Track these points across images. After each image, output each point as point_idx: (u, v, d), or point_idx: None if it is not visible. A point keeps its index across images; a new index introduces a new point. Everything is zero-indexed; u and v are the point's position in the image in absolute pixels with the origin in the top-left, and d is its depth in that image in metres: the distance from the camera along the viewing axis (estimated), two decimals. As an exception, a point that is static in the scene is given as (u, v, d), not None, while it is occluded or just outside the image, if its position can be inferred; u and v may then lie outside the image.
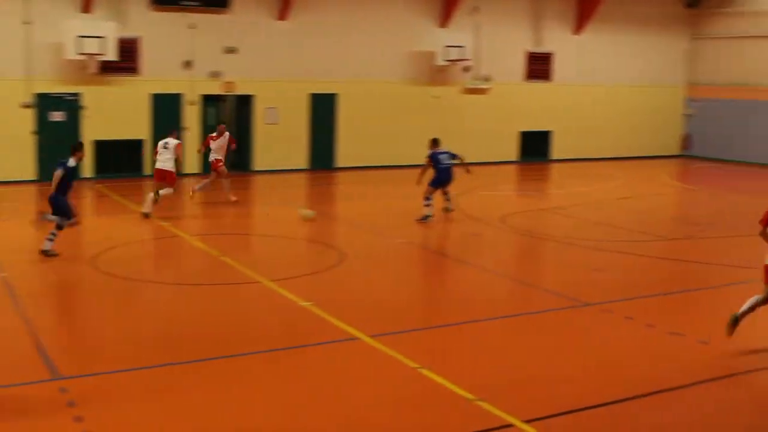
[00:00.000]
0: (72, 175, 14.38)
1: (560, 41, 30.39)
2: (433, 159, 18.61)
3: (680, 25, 33.21)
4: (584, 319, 11.76)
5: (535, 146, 30.65)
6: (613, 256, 15.83)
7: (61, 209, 14.28)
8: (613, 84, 31.83)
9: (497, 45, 28.97)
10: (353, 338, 10.39)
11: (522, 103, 29.91)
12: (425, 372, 9.26)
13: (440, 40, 27.37)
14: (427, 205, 18.26)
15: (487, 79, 28.95)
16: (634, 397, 8.79)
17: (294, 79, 25.90)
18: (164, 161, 18.57)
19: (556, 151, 30.93)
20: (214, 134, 20.29)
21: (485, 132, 29.04)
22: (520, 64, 29.84)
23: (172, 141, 18.80)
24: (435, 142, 18.85)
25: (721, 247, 17.04)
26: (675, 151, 33.58)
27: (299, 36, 25.85)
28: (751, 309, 10.68)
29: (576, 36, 30.67)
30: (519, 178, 27.79)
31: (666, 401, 8.79)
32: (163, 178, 18.47)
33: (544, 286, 13.53)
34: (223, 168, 20.14)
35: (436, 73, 28.02)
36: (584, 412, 8.41)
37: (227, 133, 20.31)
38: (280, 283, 12.89)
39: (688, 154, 33.50)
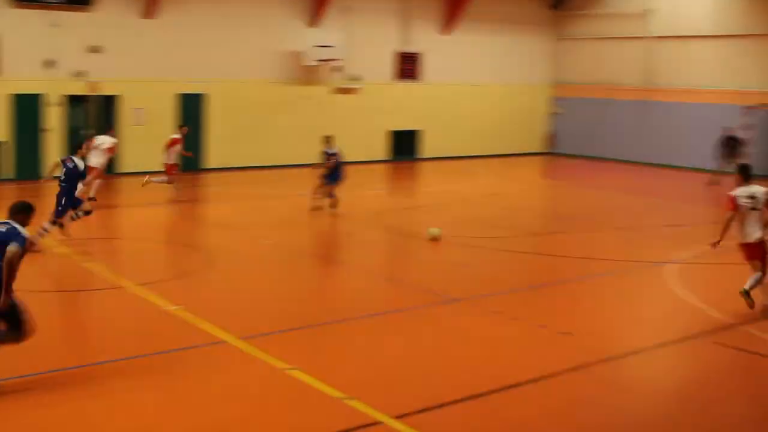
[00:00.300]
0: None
1: (428, 41, 30.80)
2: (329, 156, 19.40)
3: (545, 26, 34.21)
4: (453, 315, 11.95)
5: (404, 145, 30.98)
6: (482, 251, 16.15)
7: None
8: (482, 84, 32.50)
9: (367, 45, 29.12)
10: (221, 341, 10.25)
11: (391, 102, 30.18)
12: (295, 373, 9.22)
13: (310, 40, 27.33)
14: (317, 199, 19.17)
15: (356, 79, 29.08)
16: (502, 389, 9.00)
17: (161, 79, 25.38)
18: (95, 158, 19.21)
19: (426, 149, 31.35)
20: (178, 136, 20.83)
21: (355, 131, 29.14)
22: (389, 64, 30.09)
23: (107, 139, 19.58)
24: (328, 140, 19.57)
25: (584, 241, 17.62)
26: (541, 149, 34.55)
27: (167, 35, 25.35)
28: (758, 283, 11.82)
29: (444, 36, 31.15)
30: (389, 177, 28.02)
31: (532, 392, 9.03)
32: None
33: (414, 283, 13.68)
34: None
35: (306, 73, 27.96)
36: (455, 405, 8.54)
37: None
38: (146, 287, 12.60)
39: (554, 151, 34.54)
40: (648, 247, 17.17)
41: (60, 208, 15.18)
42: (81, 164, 15.53)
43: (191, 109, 26.11)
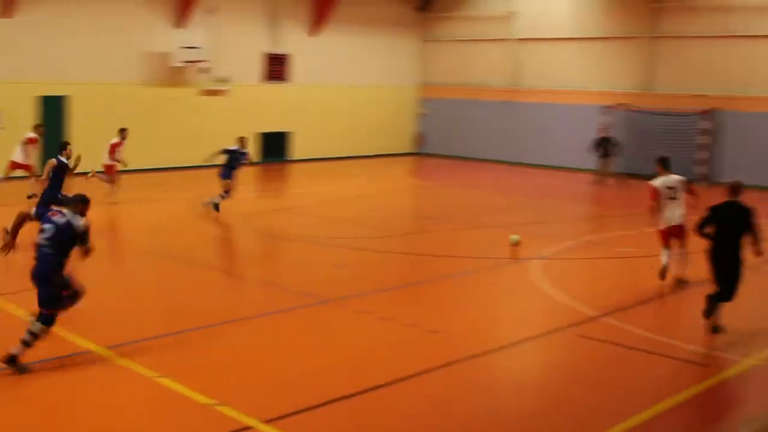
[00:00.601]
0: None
1: (297, 42, 30.73)
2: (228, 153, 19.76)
3: (413, 28, 34.66)
4: (325, 316, 11.96)
5: (274, 147, 30.83)
6: (352, 252, 16.22)
7: None
8: (350, 85, 32.66)
9: (234, 46, 28.82)
10: (86, 351, 9.94)
11: (260, 104, 29.98)
12: (163, 381, 9.03)
13: (176, 41, 26.85)
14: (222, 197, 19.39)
15: (224, 81, 28.74)
16: (372, 389, 9.04)
17: (20, 81, 24.43)
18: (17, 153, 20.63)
19: (297, 151, 31.29)
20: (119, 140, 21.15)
21: (224, 134, 28.65)
22: (257, 66, 29.87)
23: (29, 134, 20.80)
24: (241, 141, 20.08)
25: (451, 239, 17.94)
26: (410, 149, 34.97)
27: (26, 34, 24.41)
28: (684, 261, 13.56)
29: (312, 37, 31.14)
30: (259, 179, 27.79)
31: (400, 392, 9.10)
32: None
33: (285, 285, 13.61)
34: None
35: (172, 75, 27.46)
36: (324, 407, 8.53)
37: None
38: (3, 297, 12.10)
39: (422, 151, 35.03)
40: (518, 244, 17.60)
41: None
42: None
43: (53, 112, 25.23)
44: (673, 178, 13.71)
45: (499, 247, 17.24)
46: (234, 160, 19.74)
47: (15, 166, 20.84)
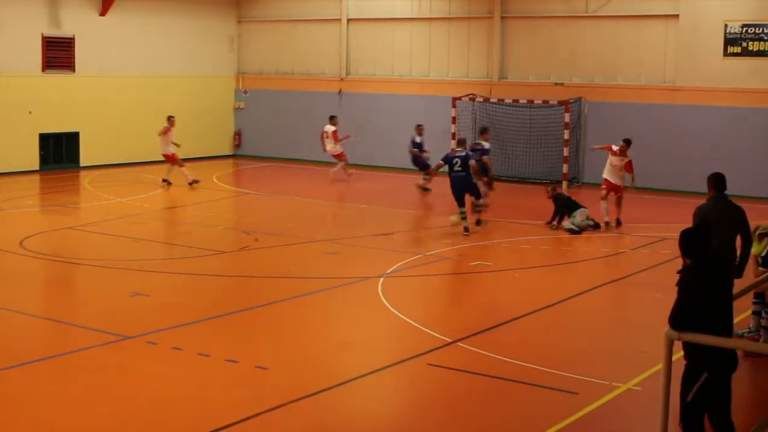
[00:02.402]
0: None
1: (83, 23, 29.97)
2: None
3: (225, 6, 34.43)
4: (127, 355, 11.67)
5: (60, 151, 29.92)
6: (159, 277, 15.93)
7: None
8: (153, 75, 32.12)
9: (5, 27, 27.81)
10: None
11: (40, 98, 29.05)
12: None
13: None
14: None
15: (-7, 70, 27.76)
16: (186, 442, 8.90)
17: None
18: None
19: (87, 155, 30.43)
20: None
21: (-5, 135, 27.78)
22: (35, 51, 28.91)
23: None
24: None
25: (279, 257, 17.89)
26: (227, 151, 34.70)
27: None
28: None
29: (103, 17, 30.43)
30: (41, 191, 26.89)
31: (224, 441, 9.00)
32: None
33: (77, 321, 13.21)
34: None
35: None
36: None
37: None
38: None
39: (240, 153, 34.83)
40: (355, 261, 17.75)
41: None
42: None
43: None
44: None
45: (338, 264, 17.34)
46: None
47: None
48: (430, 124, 30.01)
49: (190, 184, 26.63)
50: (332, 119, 29.10)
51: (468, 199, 20.17)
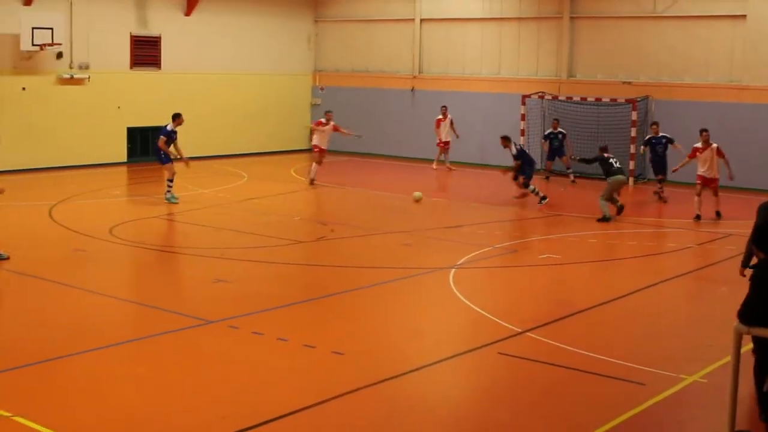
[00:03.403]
0: None
1: (169, 22, 30.34)
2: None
3: (303, 6, 34.58)
4: (209, 339, 11.78)
5: (146, 144, 30.31)
6: (240, 264, 16.05)
7: None
8: (233, 72, 32.39)
9: (96, 27, 28.27)
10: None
11: (128, 94, 29.45)
12: (19, 419, 8.75)
13: (26, 21, 26.12)
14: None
15: (84, 67, 28.13)
16: (268, 421, 8.93)
17: None
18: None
19: (172, 149, 30.76)
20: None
21: (85, 129, 28.24)
22: (124, 50, 29.35)
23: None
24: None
25: (353, 248, 17.94)
26: (304, 145, 34.88)
27: None
28: None
29: (188, 17, 30.77)
30: (128, 182, 27.30)
31: (303, 422, 9.04)
32: None
33: (162, 305, 13.36)
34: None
35: (22, 60, 26.72)
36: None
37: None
38: None
39: (317, 148, 34.97)
40: (427, 252, 17.72)
41: None
42: None
43: None
44: None
45: (411, 255, 17.34)
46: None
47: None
48: (499, 121, 29.94)
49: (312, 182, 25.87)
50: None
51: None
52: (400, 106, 32.64)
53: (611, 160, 21.22)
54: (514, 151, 23.40)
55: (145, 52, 29.90)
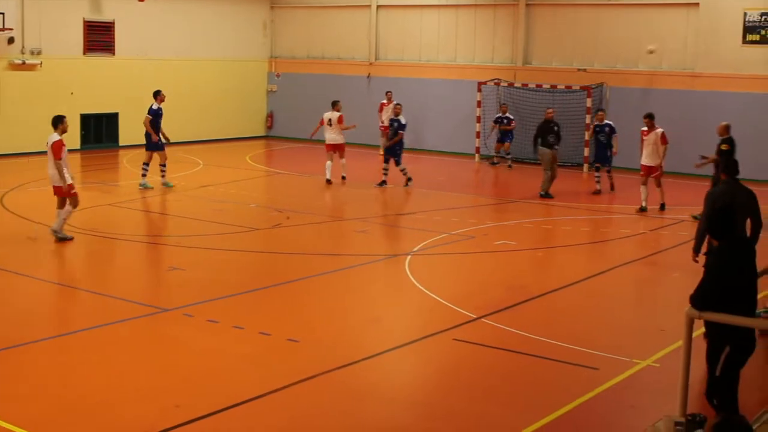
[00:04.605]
0: None
1: (123, 8, 30.01)
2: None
3: (257, -8, 34.42)
4: (164, 327, 11.74)
5: (100, 131, 30.05)
6: (195, 252, 15.98)
7: None
8: (188, 58, 32.15)
9: (48, 12, 27.92)
10: None
11: (81, 80, 29.15)
12: (-30, 410, 8.67)
13: (-25, 5, 25.78)
14: None
15: (36, 53, 27.79)
16: (223, 409, 8.92)
17: None
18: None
19: (126, 135, 30.51)
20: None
21: (37, 116, 27.82)
22: (77, 35, 29.02)
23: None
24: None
25: (310, 235, 17.92)
26: (260, 132, 34.72)
27: None
28: None
29: (141, 2, 30.45)
30: (82, 169, 26.99)
31: (257, 409, 9.03)
32: None
33: (117, 293, 13.28)
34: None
35: (-28, 46, 26.38)
36: (181, 428, 8.44)
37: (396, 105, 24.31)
38: None
39: (272, 134, 34.86)
40: (383, 239, 17.75)
41: None
42: None
43: None
44: None
45: (363, 242, 17.34)
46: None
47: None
48: (455, 108, 30.05)
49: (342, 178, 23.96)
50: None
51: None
52: (356, 93, 32.55)
53: (549, 136, 22.01)
54: (403, 121, 23.68)
55: (99, 37, 29.60)
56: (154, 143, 22.47)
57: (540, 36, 29.81)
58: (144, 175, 22.36)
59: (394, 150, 23.41)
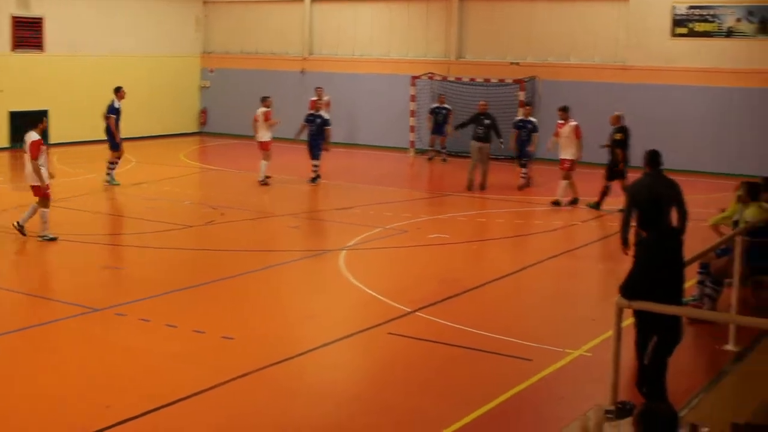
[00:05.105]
0: None
1: (52, 3, 29.55)
2: None
3: (188, -13, 34.12)
4: (96, 327, 11.61)
5: (28, 129, 29.52)
6: (128, 250, 15.84)
7: None
8: (120, 54, 31.71)
9: (-28, 7, 27.41)
10: None
11: (10, 77, 28.64)
12: None
13: None
14: None
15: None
16: (157, 408, 8.85)
17: None
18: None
19: (56, 133, 30.03)
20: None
21: (-34, 113, 27.40)
22: (4, 31, 28.50)
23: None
24: None
25: (244, 231, 17.83)
26: (193, 128, 34.45)
27: None
28: None
29: (70, -3, 30.09)
30: (11, 168, 26.55)
31: (192, 408, 8.97)
32: None
33: (48, 294, 13.15)
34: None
35: None
36: (117, 427, 8.38)
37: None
38: None
39: (206, 130, 34.60)
40: (318, 234, 17.73)
41: None
42: None
43: None
44: None
45: (297, 238, 17.31)
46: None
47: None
48: (389, 102, 30.11)
49: (261, 181, 23.01)
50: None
51: None
52: (290, 88, 32.40)
53: (478, 128, 22.31)
54: (326, 116, 23.91)
55: (27, 33, 29.10)
56: (115, 141, 22.43)
57: (473, 30, 29.97)
58: (109, 172, 22.45)
59: (317, 144, 23.33)
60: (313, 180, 23.18)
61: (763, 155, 24.19)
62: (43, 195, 16.15)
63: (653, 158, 11.81)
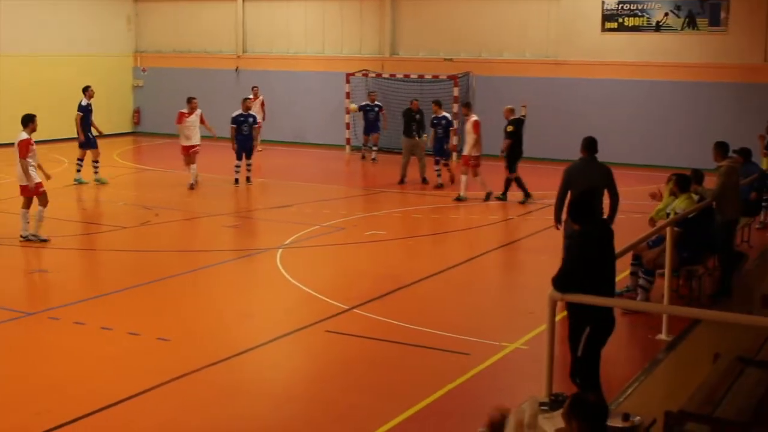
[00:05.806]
0: None
1: (-24, 3, 29.04)
2: None
3: (118, -15, 33.70)
4: (28, 332, 11.44)
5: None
6: (61, 253, 15.59)
7: None
8: (49, 54, 31.19)
9: None
10: None
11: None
12: None
13: None
14: None
15: None
16: (92, 413, 8.74)
17: None
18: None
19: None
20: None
21: None
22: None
23: None
24: None
25: (179, 232, 17.71)
26: (127, 128, 34.05)
27: None
28: None
29: (-4, -5, 29.54)
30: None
31: (127, 412, 8.88)
32: None
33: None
34: None
35: None
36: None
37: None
38: None
39: (140, 130, 34.22)
40: (254, 233, 17.65)
41: None
42: None
43: None
44: None
45: (234, 237, 17.21)
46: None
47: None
48: (324, 100, 30.06)
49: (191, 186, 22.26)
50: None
51: None
52: (224, 87, 32.16)
53: (411, 124, 22.64)
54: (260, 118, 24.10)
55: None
56: (86, 141, 22.52)
57: (407, 26, 30.04)
58: (78, 171, 22.57)
59: (250, 144, 23.18)
60: (236, 182, 22.84)
61: (692, 147, 24.57)
62: (33, 194, 15.93)
63: (590, 145, 12.19)
